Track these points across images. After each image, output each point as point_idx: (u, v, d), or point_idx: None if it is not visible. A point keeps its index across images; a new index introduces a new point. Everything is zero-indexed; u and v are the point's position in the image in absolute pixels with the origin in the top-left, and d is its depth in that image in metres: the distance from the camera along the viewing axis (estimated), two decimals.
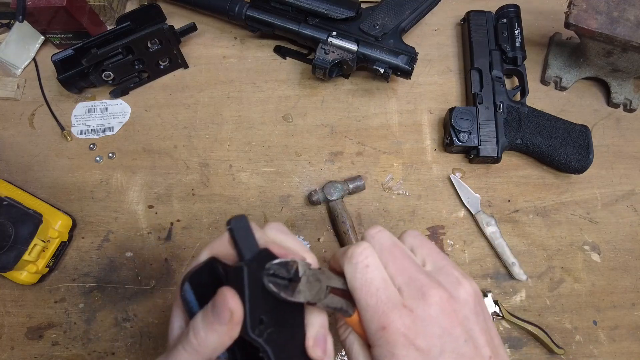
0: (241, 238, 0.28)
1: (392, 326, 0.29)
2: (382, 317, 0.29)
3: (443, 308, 0.29)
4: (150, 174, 0.62)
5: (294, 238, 0.33)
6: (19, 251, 0.52)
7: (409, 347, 0.28)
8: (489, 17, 0.65)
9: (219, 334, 0.26)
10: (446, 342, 0.29)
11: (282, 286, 0.27)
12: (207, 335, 0.26)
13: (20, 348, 0.56)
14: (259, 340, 0.27)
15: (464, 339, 0.29)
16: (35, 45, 0.68)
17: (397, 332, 0.28)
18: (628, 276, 0.57)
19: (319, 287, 0.29)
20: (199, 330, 0.26)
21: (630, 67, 0.59)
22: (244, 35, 0.70)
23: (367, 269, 0.30)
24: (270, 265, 0.27)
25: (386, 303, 0.29)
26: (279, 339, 0.28)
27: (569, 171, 0.60)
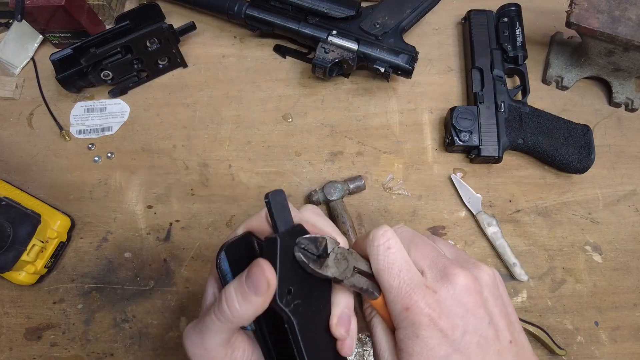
0: (277, 211, 0.29)
1: (415, 307, 0.29)
2: (406, 298, 0.29)
3: (467, 289, 0.30)
4: (149, 174, 0.62)
5: (327, 221, 0.34)
6: (17, 251, 0.52)
7: (433, 328, 0.28)
8: (490, 16, 0.65)
9: (253, 304, 0.26)
10: (469, 323, 0.29)
11: (311, 259, 0.28)
12: (240, 306, 0.26)
13: (19, 349, 0.55)
14: (285, 310, 0.27)
15: (487, 321, 0.29)
16: (33, 45, 0.68)
17: (421, 313, 0.29)
18: (630, 277, 0.57)
19: (346, 266, 0.30)
20: (233, 301, 0.27)
21: (631, 67, 0.59)
22: (243, 34, 0.70)
23: (389, 251, 0.31)
24: (301, 239, 0.28)
25: (409, 284, 0.30)
26: (304, 312, 0.28)
27: (570, 171, 0.59)
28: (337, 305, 0.32)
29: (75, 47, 0.59)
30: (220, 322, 0.27)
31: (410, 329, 0.29)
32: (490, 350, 0.29)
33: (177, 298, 0.57)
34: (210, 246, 0.59)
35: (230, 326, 0.28)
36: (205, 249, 0.59)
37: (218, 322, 0.27)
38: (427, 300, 0.29)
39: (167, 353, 0.55)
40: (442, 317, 0.29)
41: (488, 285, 0.31)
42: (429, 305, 0.29)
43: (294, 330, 0.28)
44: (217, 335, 0.28)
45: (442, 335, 0.28)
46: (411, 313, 0.29)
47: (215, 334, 0.28)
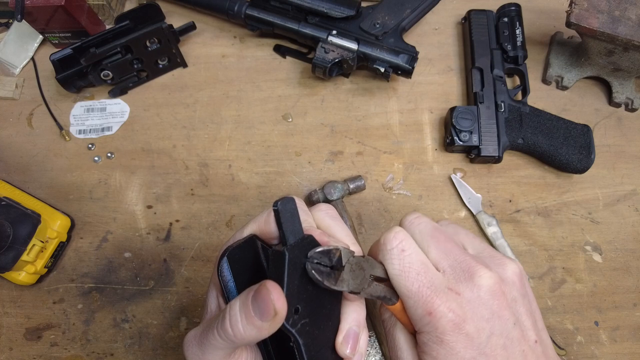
0: (286, 221, 0.27)
1: (438, 311, 0.28)
2: (428, 303, 0.28)
3: (492, 290, 0.28)
4: (149, 173, 0.62)
5: (341, 224, 0.32)
6: (17, 251, 0.52)
7: (458, 333, 0.27)
8: (490, 15, 0.65)
9: (258, 329, 0.25)
10: (495, 325, 0.28)
11: (325, 274, 0.26)
12: (245, 329, 0.25)
13: (19, 349, 0.55)
14: (292, 331, 0.26)
15: (513, 321, 0.29)
16: (33, 45, 0.68)
17: (445, 318, 0.27)
18: (630, 277, 0.57)
19: (363, 276, 0.28)
20: (237, 323, 0.25)
21: (631, 67, 0.59)
22: (243, 34, 0.70)
23: (403, 254, 0.29)
24: (313, 254, 0.26)
25: (429, 287, 0.28)
26: (312, 331, 0.27)
27: (570, 171, 0.59)
28: (344, 321, 0.30)
29: (75, 47, 0.59)
30: (222, 340, 0.26)
31: (434, 333, 0.28)
32: (516, 351, 0.28)
33: (177, 298, 0.57)
34: (210, 246, 0.59)
35: (232, 345, 0.26)
36: (205, 249, 0.59)
37: (220, 340, 0.26)
38: (450, 304, 0.28)
39: (167, 353, 0.55)
40: (467, 321, 0.28)
41: (515, 284, 0.30)
42: (452, 310, 0.28)
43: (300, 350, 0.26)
44: (217, 352, 0.27)
45: (467, 339, 0.27)
46: (434, 318, 0.28)
47: (216, 349, 0.27)
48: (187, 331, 0.55)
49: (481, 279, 0.29)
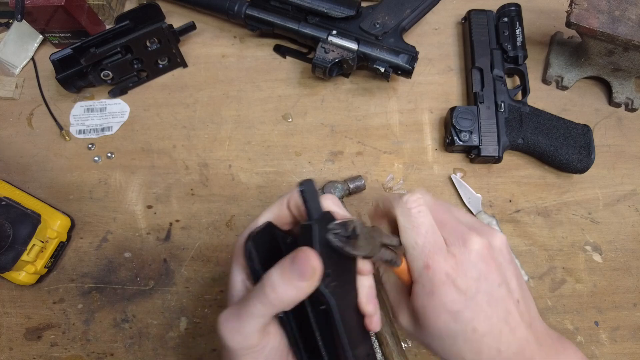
0: (310, 199, 0.30)
1: (436, 266, 0.32)
2: (429, 257, 0.33)
3: (482, 254, 0.33)
4: (149, 174, 0.62)
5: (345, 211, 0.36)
6: (17, 251, 0.52)
7: (450, 286, 0.32)
8: (490, 15, 0.65)
9: (298, 289, 0.28)
10: (482, 284, 0.33)
11: (344, 242, 0.30)
12: (285, 290, 0.28)
13: (19, 349, 0.55)
14: (326, 292, 0.29)
15: (498, 283, 0.33)
16: (33, 45, 0.68)
17: (441, 272, 0.32)
18: (630, 277, 0.57)
19: (374, 243, 0.32)
20: (277, 286, 0.28)
21: (631, 67, 0.59)
22: (243, 34, 0.70)
23: (419, 214, 0.34)
24: (332, 225, 0.30)
25: (433, 245, 0.33)
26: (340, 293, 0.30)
27: (570, 171, 0.59)
28: (362, 286, 0.34)
29: (75, 47, 0.59)
30: (263, 306, 0.28)
31: (428, 285, 0.33)
32: (499, 308, 0.33)
33: (177, 298, 0.57)
34: (210, 246, 0.59)
35: (271, 310, 0.29)
36: (205, 249, 0.59)
37: (260, 306, 0.28)
38: (448, 262, 0.33)
39: (167, 353, 0.55)
40: (458, 278, 0.32)
41: (502, 250, 0.35)
42: (448, 266, 0.32)
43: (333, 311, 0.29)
44: (256, 320, 0.29)
45: (457, 293, 0.32)
46: (431, 271, 0.33)
47: (256, 318, 0.29)
48: (187, 331, 0.55)
49: (473, 244, 0.33)
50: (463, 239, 0.34)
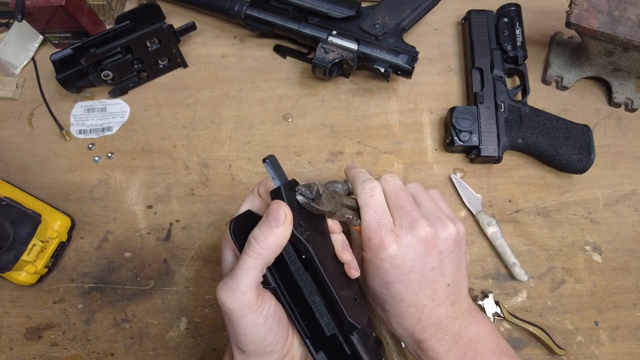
0: (276, 169, 0.36)
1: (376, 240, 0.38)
2: (373, 232, 0.39)
3: (424, 240, 0.38)
4: (150, 174, 0.62)
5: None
6: (17, 251, 0.52)
7: (387, 260, 0.38)
8: (490, 16, 0.65)
9: (277, 235, 0.33)
10: (416, 265, 0.38)
11: (310, 200, 0.36)
12: (267, 239, 0.33)
13: (19, 349, 0.55)
14: (301, 238, 0.34)
15: (432, 267, 0.39)
16: (34, 45, 0.68)
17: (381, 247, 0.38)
18: (629, 277, 0.57)
19: (335, 202, 0.38)
20: (259, 236, 0.33)
21: (631, 67, 0.59)
22: (243, 34, 0.70)
23: (372, 197, 0.40)
24: (299, 187, 0.36)
25: (378, 222, 0.39)
26: (315, 241, 0.35)
27: (570, 171, 0.59)
28: (335, 240, 0.40)
29: (75, 47, 0.59)
30: (253, 259, 0.33)
31: (371, 254, 0.39)
32: (427, 287, 0.38)
33: (177, 298, 0.57)
34: (210, 246, 0.59)
35: (260, 261, 0.33)
36: (205, 248, 0.59)
37: (250, 259, 0.33)
38: (388, 239, 0.38)
39: (167, 353, 0.55)
40: (397, 255, 0.38)
41: (447, 241, 0.40)
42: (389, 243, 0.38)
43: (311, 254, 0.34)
44: (249, 273, 0.33)
45: (392, 267, 0.38)
46: (372, 243, 0.38)
47: (249, 271, 0.33)
48: (187, 331, 0.55)
49: (419, 230, 0.39)
50: (411, 224, 0.39)
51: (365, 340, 0.37)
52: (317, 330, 0.37)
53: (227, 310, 0.33)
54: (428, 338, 0.38)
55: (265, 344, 0.35)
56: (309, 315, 0.37)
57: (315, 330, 0.37)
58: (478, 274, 0.57)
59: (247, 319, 0.33)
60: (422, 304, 0.38)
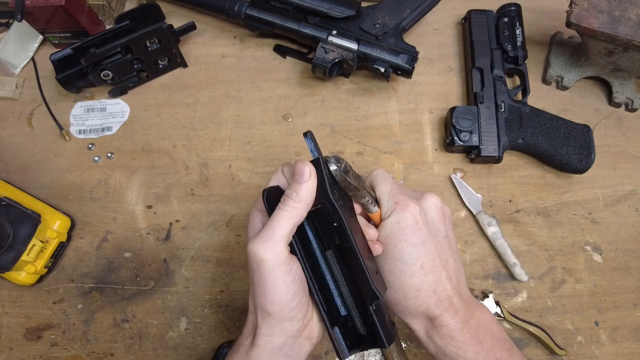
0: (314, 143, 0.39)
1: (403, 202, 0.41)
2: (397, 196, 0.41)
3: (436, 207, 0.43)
4: (149, 174, 0.62)
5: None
6: (17, 251, 0.52)
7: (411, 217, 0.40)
8: (490, 16, 0.65)
9: (307, 188, 0.36)
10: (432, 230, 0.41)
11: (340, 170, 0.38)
12: (299, 193, 0.36)
13: (19, 349, 0.55)
14: (335, 203, 0.37)
15: (444, 235, 0.42)
16: (33, 45, 0.68)
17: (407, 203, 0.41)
18: (630, 277, 0.57)
19: (359, 181, 0.41)
20: (292, 192, 0.36)
21: (631, 67, 0.59)
22: (243, 34, 0.70)
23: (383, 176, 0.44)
24: (329, 158, 0.38)
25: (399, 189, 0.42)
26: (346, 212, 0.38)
27: (570, 171, 0.59)
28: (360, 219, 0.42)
29: (75, 47, 0.59)
30: (287, 212, 0.35)
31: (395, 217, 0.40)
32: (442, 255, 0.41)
33: (177, 298, 0.57)
34: (210, 246, 0.59)
35: (295, 213, 0.36)
36: (205, 248, 0.59)
37: (285, 212, 0.35)
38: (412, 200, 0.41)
39: (167, 353, 0.55)
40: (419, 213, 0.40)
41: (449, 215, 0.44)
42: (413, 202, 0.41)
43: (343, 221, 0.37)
44: (285, 224, 0.35)
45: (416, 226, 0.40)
46: (400, 204, 0.41)
47: (284, 221, 0.35)
48: (187, 331, 0.55)
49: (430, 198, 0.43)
50: (421, 194, 0.43)
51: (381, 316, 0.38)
52: (332, 309, 0.38)
53: (260, 261, 0.34)
54: (442, 313, 0.39)
55: (291, 306, 0.35)
56: (327, 293, 0.39)
57: (330, 309, 0.38)
58: (478, 274, 0.57)
59: (278, 272, 0.34)
60: (438, 273, 0.40)
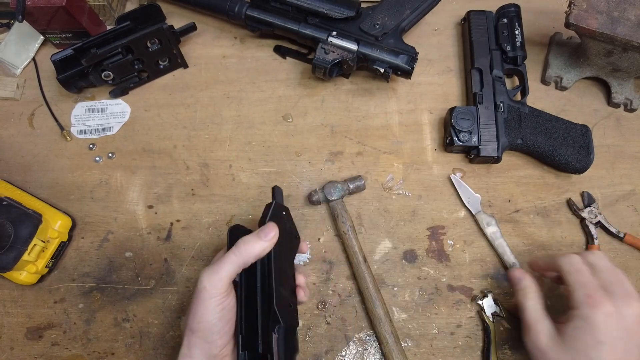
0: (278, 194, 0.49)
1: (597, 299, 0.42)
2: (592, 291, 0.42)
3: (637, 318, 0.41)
4: (150, 174, 0.62)
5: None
6: (18, 251, 0.52)
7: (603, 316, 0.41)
8: (490, 16, 0.65)
9: (261, 246, 0.42)
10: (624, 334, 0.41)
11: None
12: (253, 247, 0.41)
13: (20, 348, 0.56)
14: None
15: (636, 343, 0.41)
16: (34, 45, 0.68)
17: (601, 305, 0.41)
18: (629, 277, 0.56)
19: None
20: (248, 243, 0.42)
21: (630, 67, 0.59)
22: (243, 34, 0.70)
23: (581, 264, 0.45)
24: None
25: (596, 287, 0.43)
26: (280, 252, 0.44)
27: (569, 171, 0.60)
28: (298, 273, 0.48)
29: (76, 47, 0.59)
30: (236, 256, 0.41)
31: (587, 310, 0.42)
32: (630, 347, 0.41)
33: (178, 297, 0.57)
34: (210, 246, 0.59)
35: (241, 260, 0.41)
36: (205, 248, 0.59)
37: (234, 257, 0.41)
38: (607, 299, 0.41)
39: (167, 352, 0.55)
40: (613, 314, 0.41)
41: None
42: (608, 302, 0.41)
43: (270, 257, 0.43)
44: (230, 267, 0.40)
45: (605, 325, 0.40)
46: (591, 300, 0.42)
47: (230, 265, 0.40)
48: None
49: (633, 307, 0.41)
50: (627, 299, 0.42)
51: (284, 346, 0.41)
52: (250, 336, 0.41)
53: (202, 288, 0.40)
54: None
55: (213, 330, 0.40)
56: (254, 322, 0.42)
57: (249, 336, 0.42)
58: (477, 274, 0.57)
59: (212, 301, 0.40)
60: None
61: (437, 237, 0.59)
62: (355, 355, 0.54)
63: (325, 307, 0.56)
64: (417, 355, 0.54)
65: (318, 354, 0.54)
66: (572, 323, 0.42)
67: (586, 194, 0.59)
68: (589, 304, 0.42)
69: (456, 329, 0.55)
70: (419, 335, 0.55)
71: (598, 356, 0.40)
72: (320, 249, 0.58)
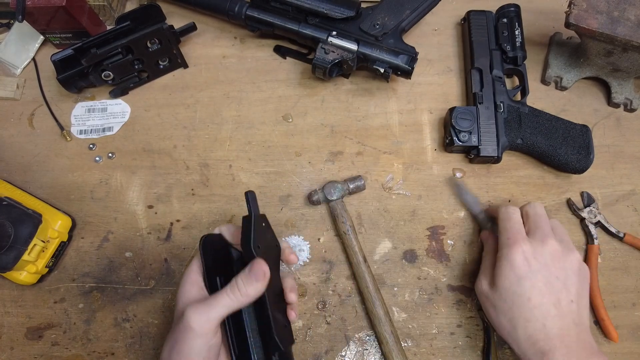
0: (253, 202, 0.44)
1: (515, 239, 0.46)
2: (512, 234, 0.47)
3: (552, 254, 0.45)
4: (150, 174, 0.62)
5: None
6: (18, 251, 0.52)
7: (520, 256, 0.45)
8: (490, 16, 0.65)
9: (255, 287, 0.40)
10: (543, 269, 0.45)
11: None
12: (247, 289, 0.39)
13: (20, 348, 0.56)
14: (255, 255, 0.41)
15: (556, 276, 0.45)
16: (34, 45, 0.68)
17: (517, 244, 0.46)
18: (629, 277, 0.57)
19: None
20: (242, 286, 0.39)
21: (630, 67, 0.59)
22: (243, 34, 0.70)
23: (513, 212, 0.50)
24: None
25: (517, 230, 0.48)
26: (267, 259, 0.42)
27: (569, 171, 0.60)
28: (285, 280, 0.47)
29: (76, 47, 0.59)
30: (230, 300, 0.39)
31: (507, 250, 0.46)
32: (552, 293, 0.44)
33: None
34: None
35: (236, 304, 0.39)
36: None
37: (228, 299, 0.39)
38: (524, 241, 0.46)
39: None
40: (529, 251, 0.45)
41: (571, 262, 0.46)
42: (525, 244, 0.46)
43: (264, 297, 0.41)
44: (221, 309, 0.39)
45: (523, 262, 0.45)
46: (511, 241, 0.46)
47: (222, 307, 0.39)
48: None
49: (548, 245, 0.46)
50: (543, 239, 0.46)
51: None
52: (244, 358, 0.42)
53: (190, 327, 0.38)
54: (553, 350, 0.41)
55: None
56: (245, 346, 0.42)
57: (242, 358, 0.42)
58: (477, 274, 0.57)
59: (199, 340, 0.38)
60: (546, 308, 0.43)
61: (437, 237, 0.59)
62: (355, 355, 0.54)
63: (325, 307, 0.56)
64: (417, 355, 0.54)
65: (318, 354, 0.54)
66: (498, 264, 0.47)
67: (586, 194, 0.60)
68: (508, 245, 0.46)
69: (456, 329, 0.55)
70: (419, 335, 0.55)
71: (522, 291, 0.44)
72: (320, 249, 0.58)
